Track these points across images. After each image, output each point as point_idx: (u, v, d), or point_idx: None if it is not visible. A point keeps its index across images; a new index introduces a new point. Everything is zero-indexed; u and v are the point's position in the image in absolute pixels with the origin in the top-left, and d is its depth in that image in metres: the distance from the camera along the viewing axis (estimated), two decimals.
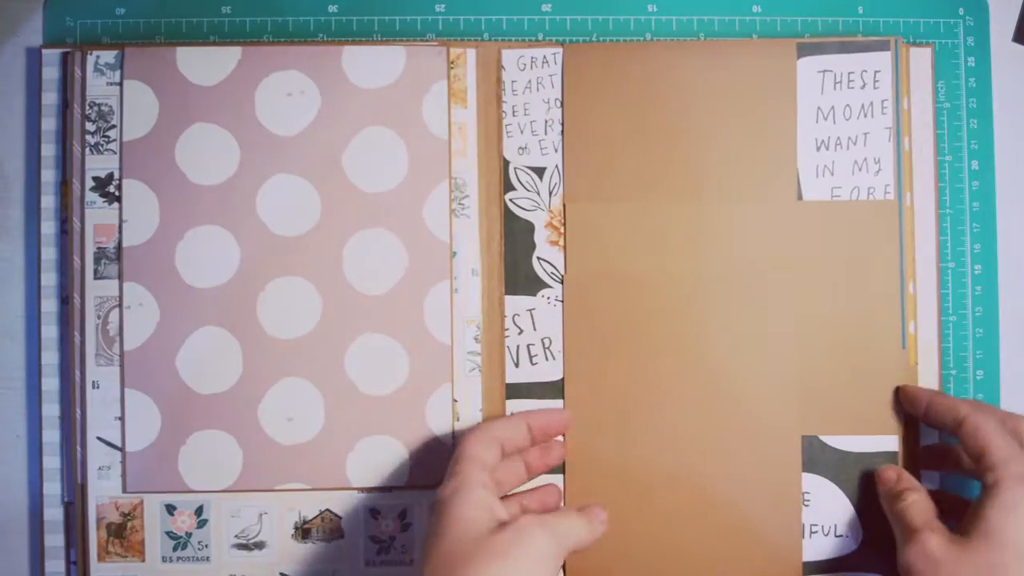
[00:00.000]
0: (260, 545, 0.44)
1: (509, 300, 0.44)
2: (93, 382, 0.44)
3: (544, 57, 0.45)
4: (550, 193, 0.45)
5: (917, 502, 0.40)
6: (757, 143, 0.44)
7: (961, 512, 0.39)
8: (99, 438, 0.44)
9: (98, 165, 0.44)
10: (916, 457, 0.44)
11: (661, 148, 0.44)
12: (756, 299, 0.44)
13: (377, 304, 0.44)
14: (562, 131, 0.45)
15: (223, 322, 0.44)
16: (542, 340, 0.44)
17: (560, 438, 0.44)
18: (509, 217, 0.45)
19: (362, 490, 0.44)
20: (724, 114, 0.44)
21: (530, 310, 0.44)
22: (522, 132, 0.45)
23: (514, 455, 0.41)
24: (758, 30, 0.46)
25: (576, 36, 0.46)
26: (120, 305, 0.44)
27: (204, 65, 0.44)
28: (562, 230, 0.44)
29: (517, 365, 0.44)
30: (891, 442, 0.43)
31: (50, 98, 0.45)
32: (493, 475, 0.38)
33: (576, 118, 0.44)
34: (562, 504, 0.43)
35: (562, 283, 0.44)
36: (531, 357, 0.44)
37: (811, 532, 0.43)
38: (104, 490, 0.44)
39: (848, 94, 0.44)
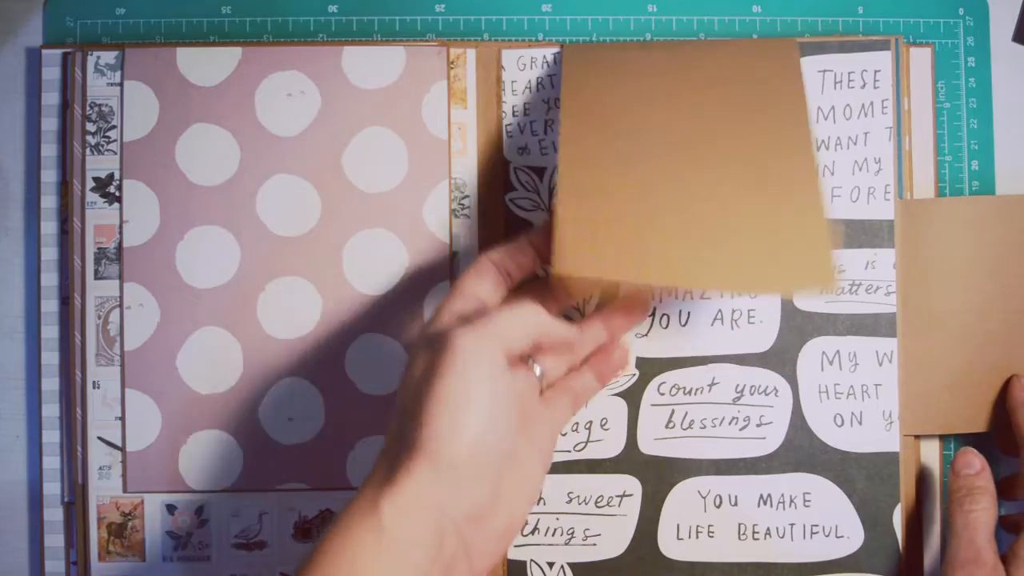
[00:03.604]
0: (260, 545, 0.44)
1: None
2: (94, 382, 0.44)
3: (544, 57, 0.45)
4: (550, 193, 0.45)
5: (983, 512, 0.38)
6: (758, 142, 0.44)
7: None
8: (100, 438, 0.44)
9: (98, 165, 0.44)
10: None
11: (661, 148, 0.44)
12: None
13: (377, 304, 0.44)
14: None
15: (223, 322, 0.44)
16: None
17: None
18: (509, 217, 0.45)
19: None
20: (724, 114, 0.44)
21: None
22: (522, 132, 0.45)
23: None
24: (758, 30, 0.46)
25: (576, 36, 0.46)
26: (120, 305, 0.44)
27: (204, 65, 0.44)
28: None
29: None
30: (893, 442, 0.43)
31: (50, 98, 0.45)
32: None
33: (576, 118, 0.44)
34: None
35: None
36: None
37: (812, 533, 0.43)
38: (105, 490, 0.44)
39: (848, 94, 0.44)
